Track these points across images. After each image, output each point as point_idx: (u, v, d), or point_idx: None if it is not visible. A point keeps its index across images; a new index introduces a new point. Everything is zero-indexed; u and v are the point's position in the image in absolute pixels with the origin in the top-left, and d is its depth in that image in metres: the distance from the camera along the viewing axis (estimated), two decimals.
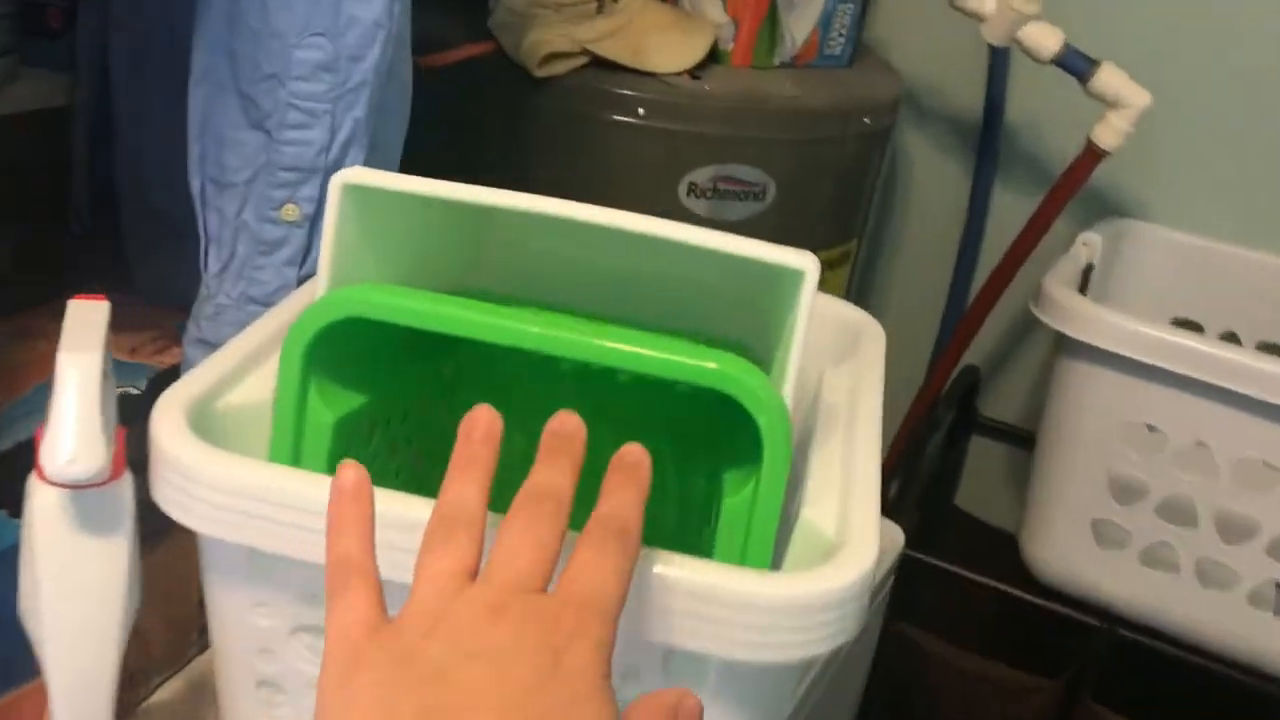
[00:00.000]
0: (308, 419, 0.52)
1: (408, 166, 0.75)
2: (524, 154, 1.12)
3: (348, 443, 0.53)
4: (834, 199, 1.22)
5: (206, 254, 0.65)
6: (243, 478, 0.47)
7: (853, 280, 1.33)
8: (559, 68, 1.08)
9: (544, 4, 1.12)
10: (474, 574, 0.38)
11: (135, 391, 0.68)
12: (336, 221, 0.52)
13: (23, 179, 0.89)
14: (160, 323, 0.74)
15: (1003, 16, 1.15)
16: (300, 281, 0.65)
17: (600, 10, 1.12)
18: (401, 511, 0.45)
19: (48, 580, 0.50)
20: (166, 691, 0.70)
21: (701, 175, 1.11)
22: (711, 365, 0.46)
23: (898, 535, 0.93)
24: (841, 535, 0.47)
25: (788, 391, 0.49)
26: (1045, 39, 1.15)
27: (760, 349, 0.55)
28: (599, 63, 1.10)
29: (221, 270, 0.65)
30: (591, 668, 0.35)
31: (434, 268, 0.58)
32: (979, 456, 1.49)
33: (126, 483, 0.51)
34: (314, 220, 0.64)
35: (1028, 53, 1.17)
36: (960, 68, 1.37)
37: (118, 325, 0.51)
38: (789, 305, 0.49)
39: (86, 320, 0.51)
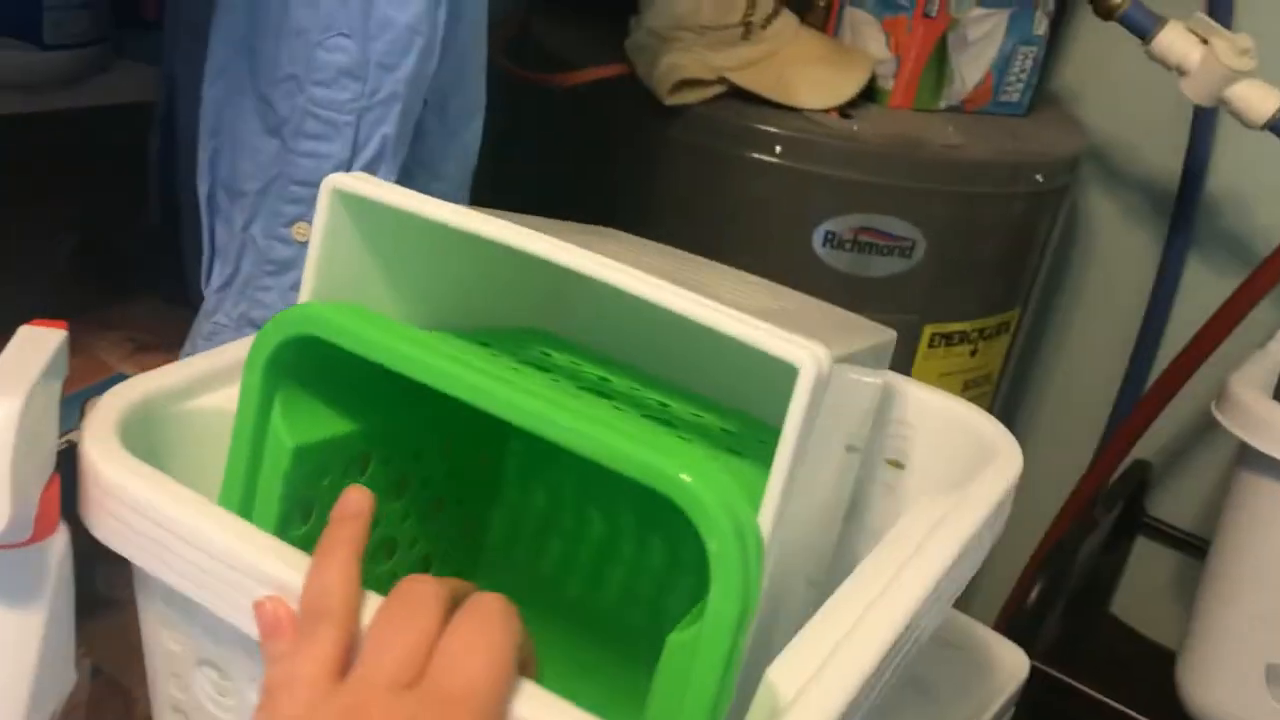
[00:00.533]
0: (267, 439, 0.47)
1: (513, 187, 0.67)
2: (647, 185, 1.03)
3: (317, 469, 0.49)
4: (995, 262, 1.09)
5: (210, 267, 0.58)
6: (153, 501, 0.43)
7: (1011, 354, 1.19)
8: (691, 96, 0.99)
9: (686, 27, 1.03)
10: (340, 668, 0.37)
11: None
12: (324, 231, 0.46)
13: (108, 172, 0.85)
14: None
15: (1209, 72, 1.00)
16: None
17: (746, 37, 1.02)
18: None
19: None
20: None
21: (841, 224, 1.00)
22: (660, 466, 0.39)
23: (1019, 662, 0.79)
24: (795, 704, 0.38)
25: (766, 516, 0.39)
26: (1258, 100, 1.00)
27: None
28: (737, 93, 1.00)
29: (223, 286, 0.58)
30: None
31: (469, 305, 0.51)
32: (1143, 561, 1.33)
33: (55, 544, 0.44)
34: None
35: (1236, 115, 1.01)
36: (1157, 126, 1.21)
37: (151, 341, 0.48)
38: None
39: (30, 352, 0.44)
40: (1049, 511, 1.27)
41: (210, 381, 0.51)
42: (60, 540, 0.44)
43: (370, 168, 0.55)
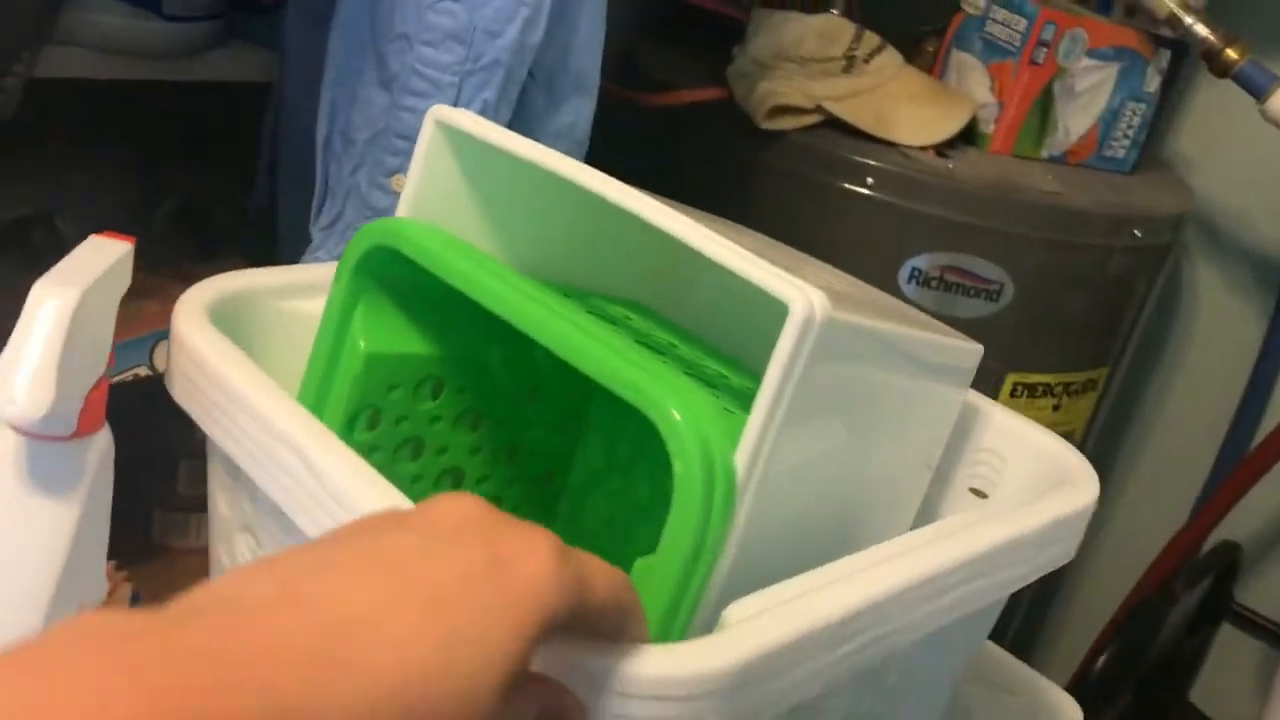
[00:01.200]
0: (346, 342, 0.49)
1: None
2: (737, 209, 1.03)
3: (385, 382, 0.50)
4: (1085, 316, 1.06)
5: (319, 207, 0.60)
6: (222, 372, 0.45)
7: (1099, 415, 1.16)
8: (787, 122, 0.99)
9: (789, 57, 1.03)
10: None
11: None
12: (427, 157, 0.48)
13: (217, 146, 0.88)
14: None
15: None
16: None
17: (847, 70, 1.02)
18: None
19: None
20: None
21: (928, 262, 0.99)
22: (641, 382, 0.39)
23: (1074, 715, 0.76)
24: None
25: (743, 451, 0.38)
26: None
27: None
28: (833, 124, 1.00)
29: (328, 226, 0.60)
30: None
31: (564, 261, 0.53)
32: (1228, 649, 1.27)
33: (98, 442, 0.45)
34: None
35: None
36: (1268, 193, 1.18)
37: None
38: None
39: (94, 257, 0.45)
40: (1131, 580, 1.22)
41: (309, 289, 0.52)
42: (102, 442, 0.45)
43: None
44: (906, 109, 1.01)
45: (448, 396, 0.54)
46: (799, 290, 0.38)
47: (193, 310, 0.48)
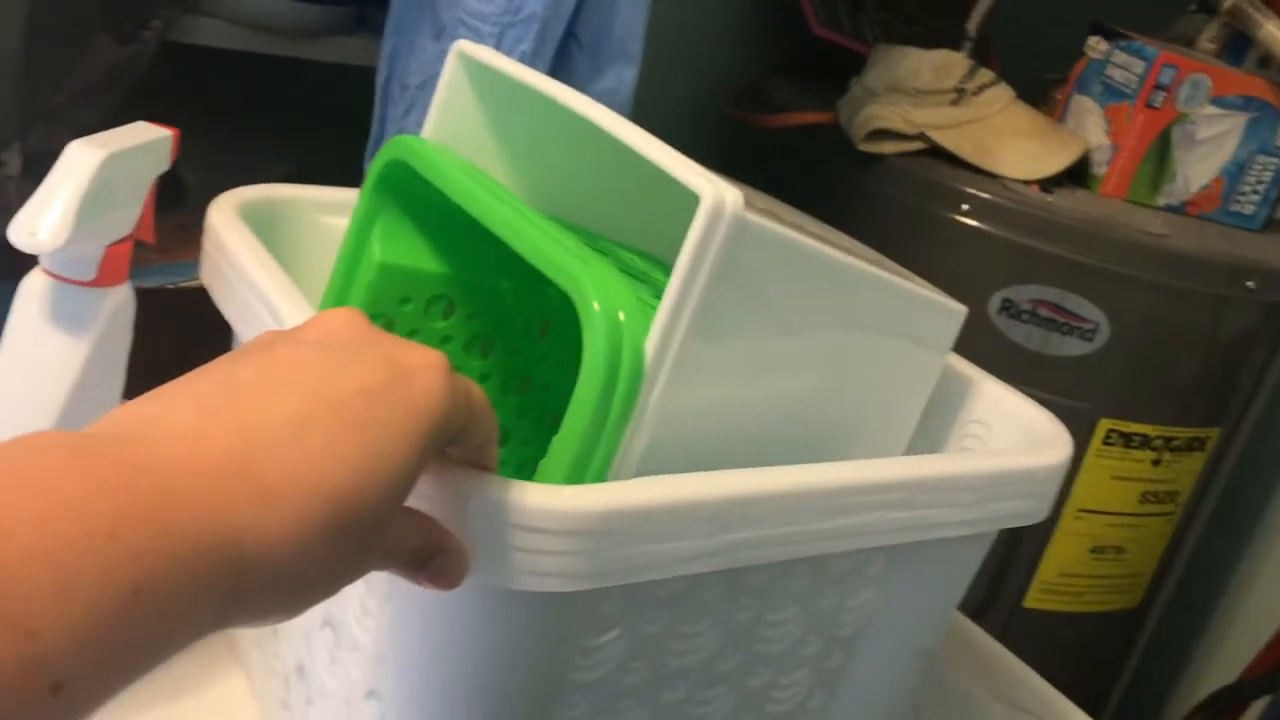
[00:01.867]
0: (364, 252, 0.52)
1: None
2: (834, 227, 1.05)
3: (398, 294, 0.53)
4: (1193, 369, 1.02)
5: (374, 147, 0.65)
6: (246, 264, 0.48)
7: (1214, 479, 1.10)
8: (886, 147, 1.00)
9: (901, 89, 1.05)
10: None
11: None
12: (447, 86, 0.52)
13: (331, 121, 0.96)
14: None
15: None
16: None
17: (955, 102, 1.03)
18: None
19: (2, 367, 0.50)
20: None
21: (1020, 294, 0.98)
22: (569, 266, 0.42)
23: None
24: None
25: (652, 337, 0.40)
26: None
27: None
28: (935, 152, 1.01)
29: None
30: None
31: (575, 200, 0.56)
32: None
33: (115, 295, 0.51)
34: None
35: None
36: None
37: None
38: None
39: (136, 136, 0.51)
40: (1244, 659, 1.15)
41: (346, 207, 0.56)
42: (120, 295, 0.51)
43: None
44: (1011, 142, 1.01)
45: (458, 319, 0.58)
46: (711, 184, 0.40)
47: (227, 205, 0.52)
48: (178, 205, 0.86)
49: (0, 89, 0.61)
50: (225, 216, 0.51)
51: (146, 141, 0.51)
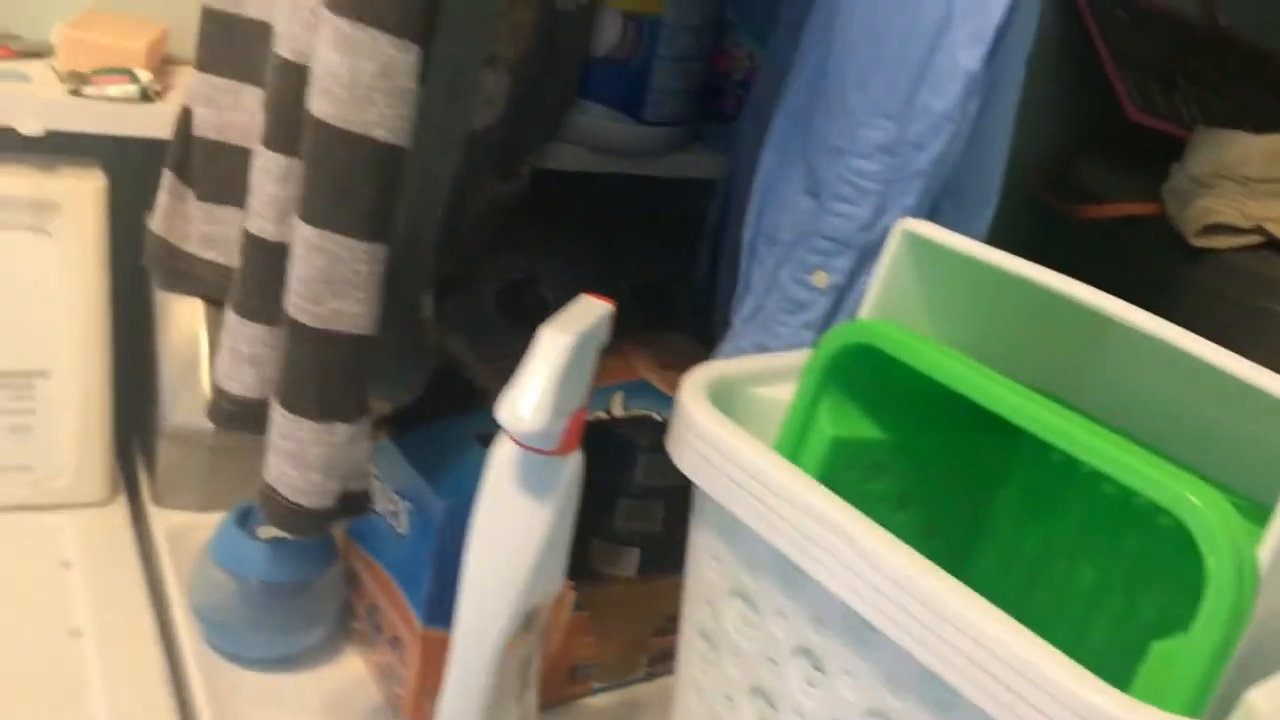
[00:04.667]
0: (812, 428, 0.56)
1: None
2: None
3: (844, 464, 0.57)
4: None
5: (741, 300, 0.68)
6: (735, 447, 0.52)
7: None
8: (1221, 241, 0.98)
9: (1229, 176, 1.02)
10: None
11: (658, 419, 0.72)
12: (890, 264, 0.56)
13: (669, 231, 1.00)
14: None
15: None
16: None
17: None
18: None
19: (479, 525, 0.55)
20: (601, 699, 0.74)
21: None
22: (1176, 487, 0.42)
23: None
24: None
25: (1267, 545, 0.41)
26: None
27: None
28: (1274, 246, 0.98)
29: (749, 318, 0.68)
30: None
31: (1002, 349, 0.58)
32: None
33: (572, 462, 0.55)
34: (841, 291, 0.64)
35: None
36: None
37: (673, 361, 0.58)
38: None
39: (584, 313, 0.56)
40: None
41: (768, 377, 0.60)
42: (575, 463, 0.55)
43: (888, 233, 0.62)
44: None
45: (888, 480, 0.60)
46: None
47: (697, 392, 0.56)
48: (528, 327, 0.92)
49: (423, 249, 0.67)
50: (697, 400, 0.55)
51: (597, 318, 0.55)
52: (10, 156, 0.78)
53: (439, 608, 0.64)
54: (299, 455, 0.54)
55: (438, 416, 0.70)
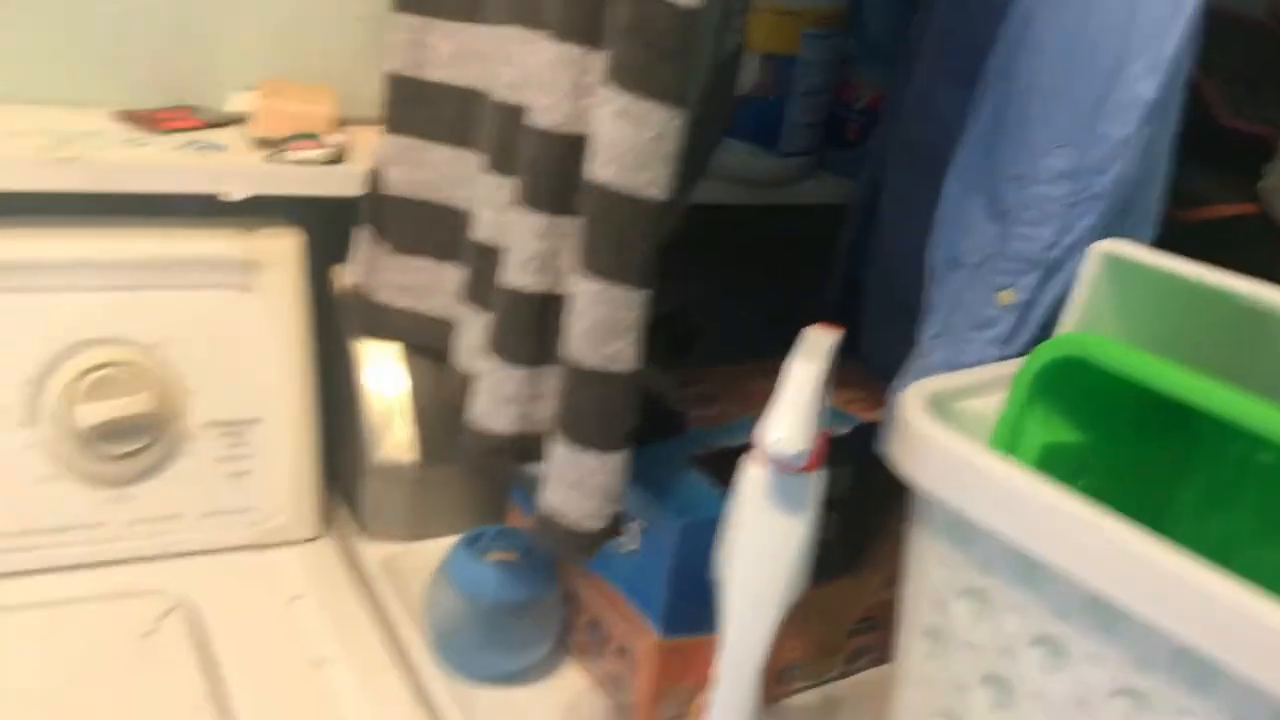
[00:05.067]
0: (1022, 435, 0.61)
1: None
2: None
3: (1050, 467, 0.61)
4: None
5: (926, 320, 0.74)
6: (973, 454, 0.56)
7: None
8: None
9: None
10: None
11: (842, 433, 0.78)
12: (1087, 282, 0.61)
13: (801, 255, 1.06)
14: (872, 386, 0.85)
15: None
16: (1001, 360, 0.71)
17: None
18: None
19: (739, 543, 0.60)
20: (801, 698, 0.79)
21: None
22: None
23: None
24: None
25: None
26: None
27: None
28: None
29: (935, 336, 0.73)
30: None
31: (1196, 359, 0.63)
32: None
33: (818, 479, 0.61)
34: (1026, 307, 0.70)
35: None
36: None
37: (839, 382, 0.64)
38: None
39: (818, 342, 0.61)
40: None
41: (969, 391, 0.65)
42: (820, 478, 0.61)
43: (1070, 249, 0.68)
44: None
45: (1085, 481, 0.65)
46: None
47: (919, 406, 0.60)
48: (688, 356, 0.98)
49: None
50: (919, 410, 0.60)
51: (830, 346, 0.61)
52: (211, 220, 0.84)
53: (677, 618, 0.69)
54: (582, 484, 0.60)
55: (645, 442, 0.76)
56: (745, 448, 0.67)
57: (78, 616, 0.75)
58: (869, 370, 0.88)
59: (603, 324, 0.57)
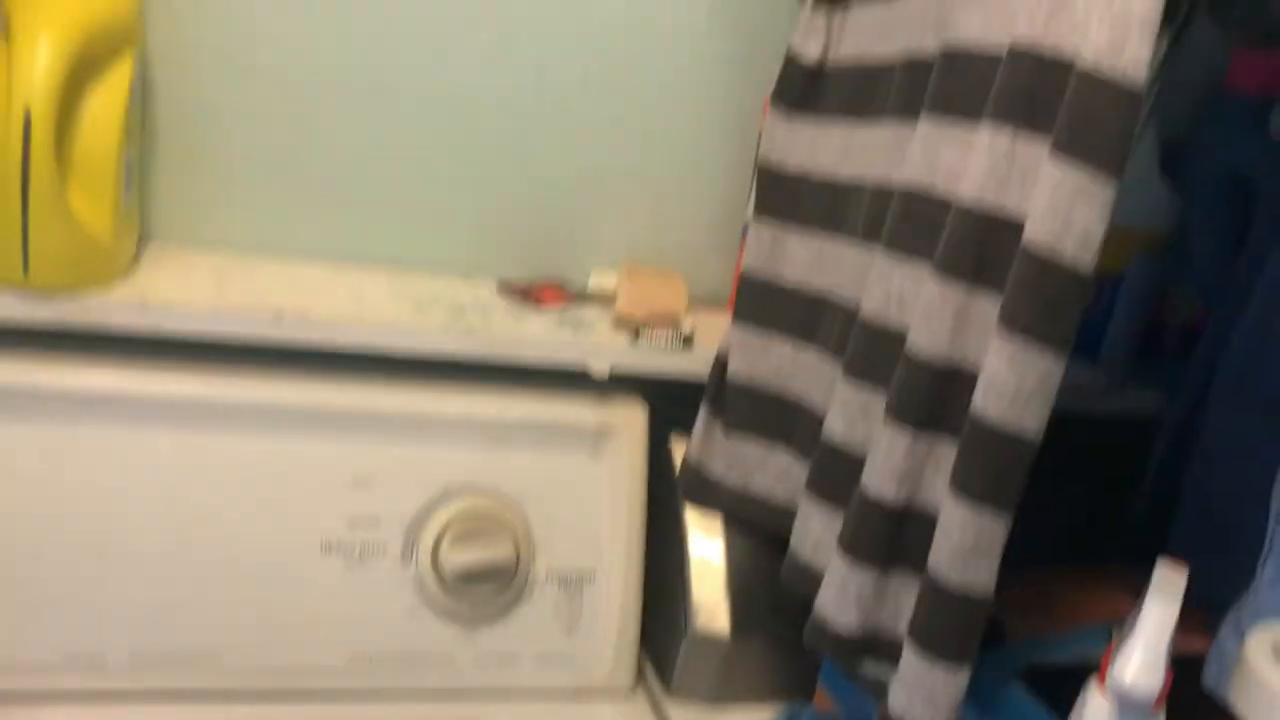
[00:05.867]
0: None
1: None
2: None
3: None
4: None
5: (1265, 561, 0.74)
6: None
7: None
8: None
9: None
10: None
11: None
12: None
13: (1104, 466, 1.08)
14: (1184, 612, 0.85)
15: None
16: None
17: None
18: None
19: None
20: None
21: None
22: None
23: None
24: None
25: None
26: None
27: None
28: None
29: (1274, 580, 0.74)
30: None
31: None
32: None
33: (1161, 717, 0.63)
34: None
35: None
36: None
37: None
38: None
39: (1171, 581, 0.64)
40: None
41: None
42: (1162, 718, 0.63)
43: None
44: None
45: None
46: None
47: (1263, 649, 0.62)
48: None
49: None
50: (1263, 660, 0.62)
51: (1180, 583, 0.63)
52: (570, 387, 0.93)
53: None
54: (933, 697, 0.63)
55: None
56: (1074, 669, 0.69)
57: None
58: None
59: (971, 548, 0.62)
